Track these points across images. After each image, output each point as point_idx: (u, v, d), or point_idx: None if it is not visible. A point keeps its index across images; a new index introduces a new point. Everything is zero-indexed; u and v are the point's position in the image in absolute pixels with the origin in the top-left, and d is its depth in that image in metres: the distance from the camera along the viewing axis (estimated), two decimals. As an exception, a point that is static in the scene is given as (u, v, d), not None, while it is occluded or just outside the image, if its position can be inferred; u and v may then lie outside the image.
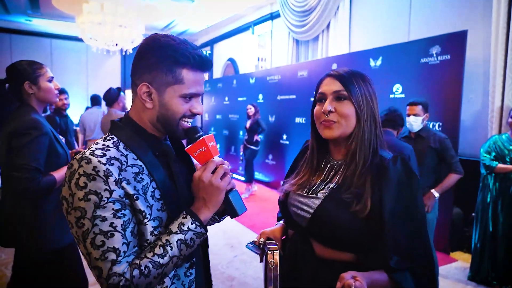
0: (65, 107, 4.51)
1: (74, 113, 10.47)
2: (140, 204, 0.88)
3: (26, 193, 1.65)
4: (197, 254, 1.05)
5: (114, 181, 0.84)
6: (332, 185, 1.05)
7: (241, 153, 6.54)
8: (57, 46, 11.55)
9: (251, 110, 6.20)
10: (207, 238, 1.11)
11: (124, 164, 0.88)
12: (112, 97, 3.88)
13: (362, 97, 1.01)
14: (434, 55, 3.96)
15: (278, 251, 1.05)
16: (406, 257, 0.96)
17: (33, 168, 1.64)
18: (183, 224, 0.90)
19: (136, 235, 0.88)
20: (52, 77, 1.88)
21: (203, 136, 0.94)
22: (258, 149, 6.30)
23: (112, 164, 0.86)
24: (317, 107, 1.07)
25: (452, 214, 3.86)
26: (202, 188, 0.92)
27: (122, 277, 0.81)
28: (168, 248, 0.87)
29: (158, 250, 0.86)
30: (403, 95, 4.33)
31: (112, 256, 0.82)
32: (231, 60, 9.95)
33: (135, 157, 0.92)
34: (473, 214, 3.38)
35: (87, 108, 8.49)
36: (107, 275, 0.81)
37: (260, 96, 7.33)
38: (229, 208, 0.97)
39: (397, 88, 4.42)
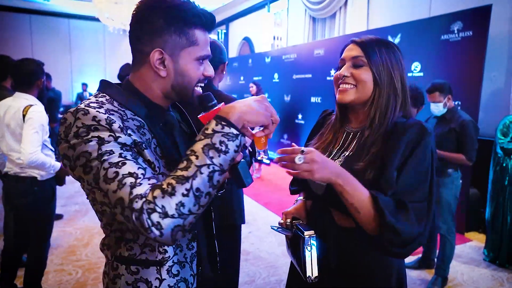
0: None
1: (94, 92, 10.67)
2: (149, 155, 0.80)
3: None
4: (199, 227, 0.99)
5: (119, 127, 0.75)
6: (347, 153, 1.05)
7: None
8: (75, 26, 11.67)
9: (252, 88, 6.03)
10: (210, 211, 1.02)
11: (125, 117, 0.81)
12: (126, 71, 3.86)
13: (383, 64, 1.00)
14: (456, 31, 3.83)
15: (314, 232, 1.01)
16: (405, 197, 0.93)
17: None
18: (206, 129, 0.76)
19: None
20: None
21: (219, 106, 0.86)
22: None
23: (113, 114, 0.77)
24: (336, 72, 1.08)
25: (468, 194, 3.83)
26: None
27: (144, 198, 0.69)
28: (193, 157, 0.72)
29: (181, 164, 0.73)
30: (421, 74, 4.24)
31: (130, 180, 0.70)
32: (247, 39, 9.85)
33: (133, 114, 0.84)
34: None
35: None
36: (129, 200, 0.69)
37: (276, 76, 7.28)
38: (237, 179, 0.88)
39: (416, 66, 4.32)
